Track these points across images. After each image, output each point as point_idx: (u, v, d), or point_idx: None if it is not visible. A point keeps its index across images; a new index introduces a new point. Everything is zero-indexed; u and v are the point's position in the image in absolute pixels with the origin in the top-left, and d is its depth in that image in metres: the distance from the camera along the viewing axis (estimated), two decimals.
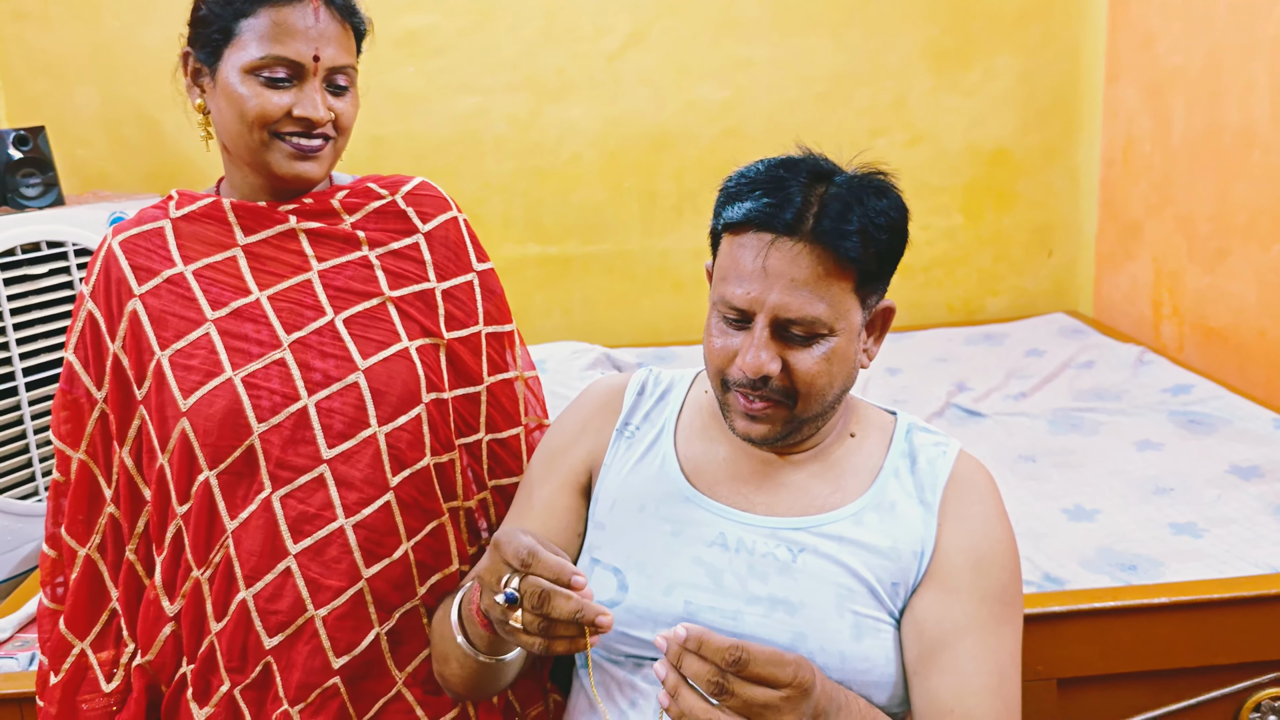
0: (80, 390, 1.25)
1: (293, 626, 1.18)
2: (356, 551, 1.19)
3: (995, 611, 1.07)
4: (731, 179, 1.09)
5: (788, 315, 1.03)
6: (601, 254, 3.42)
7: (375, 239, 1.28)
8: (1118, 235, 3.30)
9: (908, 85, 3.35)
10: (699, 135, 3.35)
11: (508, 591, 0.90)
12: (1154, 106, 3.05)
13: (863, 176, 1.07)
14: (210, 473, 1.18)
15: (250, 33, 1.16)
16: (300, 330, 1.21)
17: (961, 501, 1.11)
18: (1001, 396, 2.69)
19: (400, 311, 1.26)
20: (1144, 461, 2.19)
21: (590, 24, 3.25)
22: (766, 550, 1.10)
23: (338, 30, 1.20)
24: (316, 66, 1.18)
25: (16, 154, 2.41)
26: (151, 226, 1.25)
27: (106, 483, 1.26)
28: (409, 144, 3.27)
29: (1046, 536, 1.88)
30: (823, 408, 1.09)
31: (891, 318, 1.14)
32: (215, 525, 1.19)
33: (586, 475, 1.23)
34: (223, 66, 1.18)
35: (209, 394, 1.18)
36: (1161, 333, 3.07)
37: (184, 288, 1.22)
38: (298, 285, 1.23)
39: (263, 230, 1.25)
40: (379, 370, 1.22)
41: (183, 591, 1.22)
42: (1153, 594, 1.62)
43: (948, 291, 3.52)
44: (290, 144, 1.19)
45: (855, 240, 1.01)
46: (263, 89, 1.16)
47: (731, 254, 1.06)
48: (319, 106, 1.18)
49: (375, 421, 1.21)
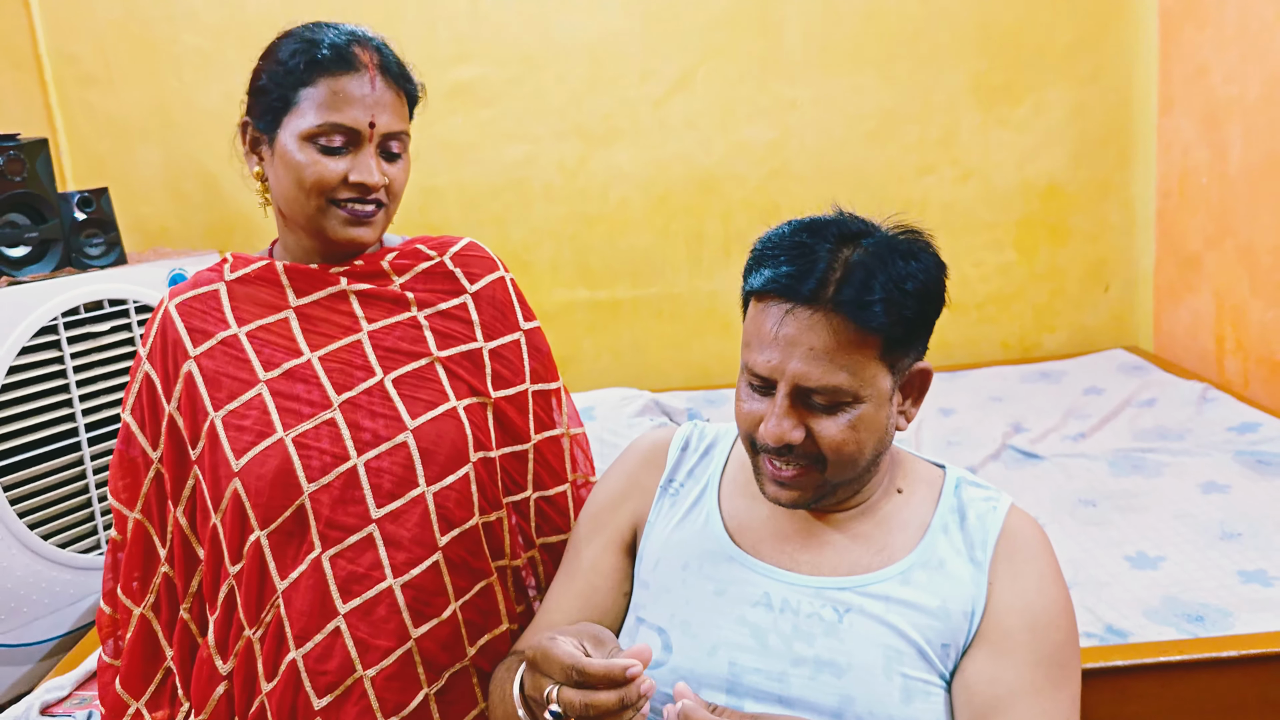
0: (136, 450, 1.28)
1: (341, 687, 1.19)
2: (405, 612, 1.20)
3: (1051, 674, 1.04)
4: (759, 243, 1.08)
5: (807, 384, 1.01)
6: (650, 297, 3.43)
7: (424, 300, 1.30)
8: (1177, 268, 3.23)
9: (956, 121, 3.32)
10: (746, 177, 3.35)
11: (551, 710, 0.90)
12: (1210, 137, 2.99)
13: (892, 238, 1.05)
14: (261, 532, 1.20)
15: (309, 101, 1.19)
16: (350, 390, 1.23)
17: (1013, 559, 1.08)
18: (1059, 437, 2.63)
19: (448, 371, 1.28)
20: (1210, 504, 2.12)
21: (636, 70, 3.28)
22: (812, 610, 1.08)
23: (392, 98, 1.23)
24: (372, 133, 1.20)
25: (81, 215, 2.49)
26: (207, 289, 1.28)
27: (161, 542, 1.28)
28: (460, 193, 3.32)
29: (1108, 585, 1.82)
30: (855, 472, 1.07)
31: (929, 380, 1.11)
32: (266, 585, 1.21)
33: (631, 533, 1.22)
34: (281, 134, 1.20)
35: (261, 454, 1.19)
36: (1225, 368, 2.99)
37: (238, 349, 1.24)
38: (348, 346, 1.25)
39: (314, 292, 1.27)
40: (427, 430, 1.23)
41: (235, 651, 1.23)
42: (1222, 646, 1.56)
43: (1002, 328, 3.47)
44: (345, 210, 1.21)
45: (878, 310, 0.99)
46: (320, 156, 1.19)
47: (755, 320, 1.05)
48: (374, 172, 1.20)
49: (423, 481, 1.22)
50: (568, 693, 0.89)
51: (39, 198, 2.38)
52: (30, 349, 2.26)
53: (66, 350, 2.32)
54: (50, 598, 2.28)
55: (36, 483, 2.27)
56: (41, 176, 2.39)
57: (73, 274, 2.41)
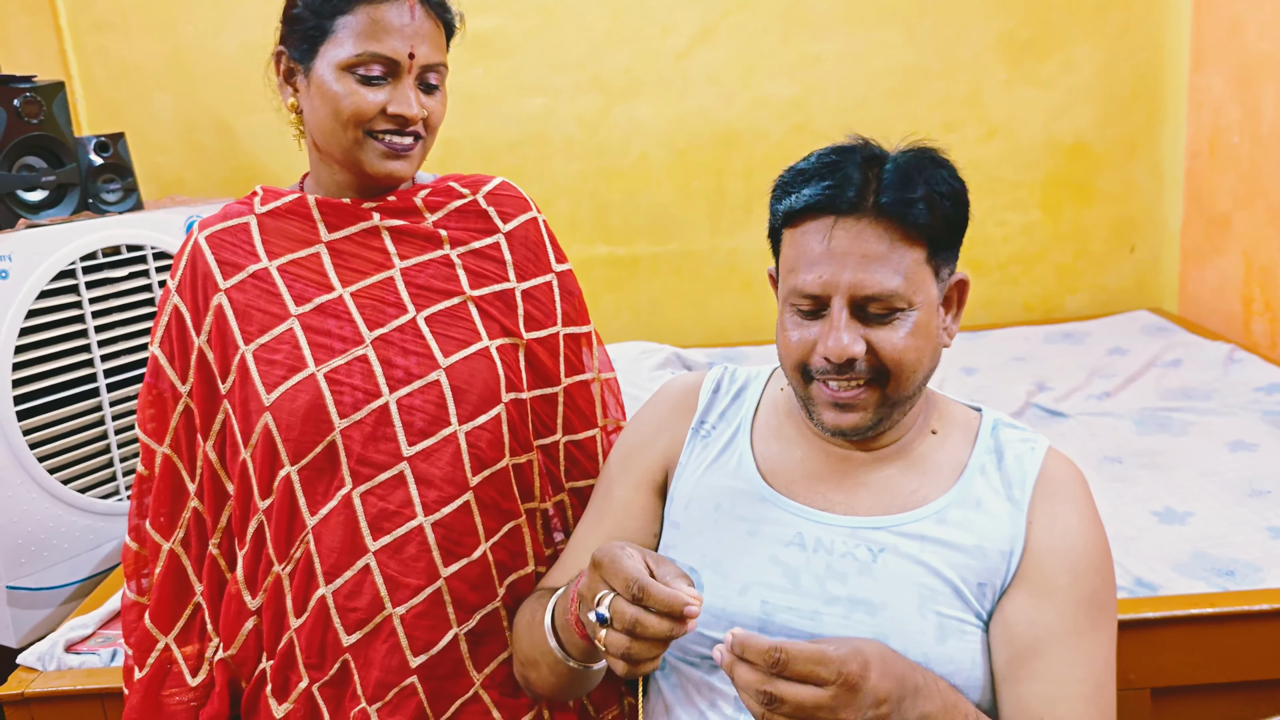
0: (165, 384, 1.26)
1: (371, 624, 1.18)
2: (435, 550, 1.19)
3: (1090, 616, 1.03)
4: (785, 173, 1.07)
5: (865, 292, 1.00)
6: (670, 254, 3.40)
7: (457, 238, 1.28)
8: (1204, 229, 3.19)
9: (983, 78, 3.27)
10: (768, 133, 3.31)
11: (599, 611, 0.90)
12: (1242, 95, 2.94)
13: (918, 149, 1.05)
14: (292, 468, 1.19)
15: (346, 30, 1.16)
16: (383, 327, 1.21)
17: (1053, 500, 1.07)
18: (1084, 396, 2.61)
19: (481, 311, 1.26)
20: (1237, 463, 2.10)
21: (657, 23, 3.23)
22: (846, 550, 1.07)
23: (431, 28, 1.20)
24: (411, 64, 1.18)
25: (98, 160, 2.46)
26: (237, 222, 1.26)
27: (190, 477, 1.27)
28: (478, 145, 3.28)
29: (1137, 540, 1.81)
30: (914, 387, 1.06)
31: (967, 290, 1.11)
32: (296, 521, 1.20)
33: (663, 474, 1.21)
34: (317, 64, 1.18)
35: (292, 389, 1.18)
36: (1253, 330, 2.95)
37: (269, 283, 1.22)
38: (380, 282, 1.23)
39: (346, 227, 1.25)
40: (460, 368, 1.21)
41: (264, 586, 1.22)
42: (1254, 600, 1.55)
43: (1025, 289, 3.43)
44: (383, 143, 1.19)
45: (922, 207, 0.99)
46: (358, 86, 1.16)
47: (796, 244, 1.04)
48: (413, 104, 1.18)
49: (456, 420, 1.21)
50: (621, 604, 0.89)
51: (56, 141, 2.36)
52: (49, 293, 2.25)
53: (85, 295, 2.31)
54: (69, 542, 2.28)
55: (55, 428, 2.26)
56: (59, 119, 2.36)
57: (90, 219, 2.39)
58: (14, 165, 2.29)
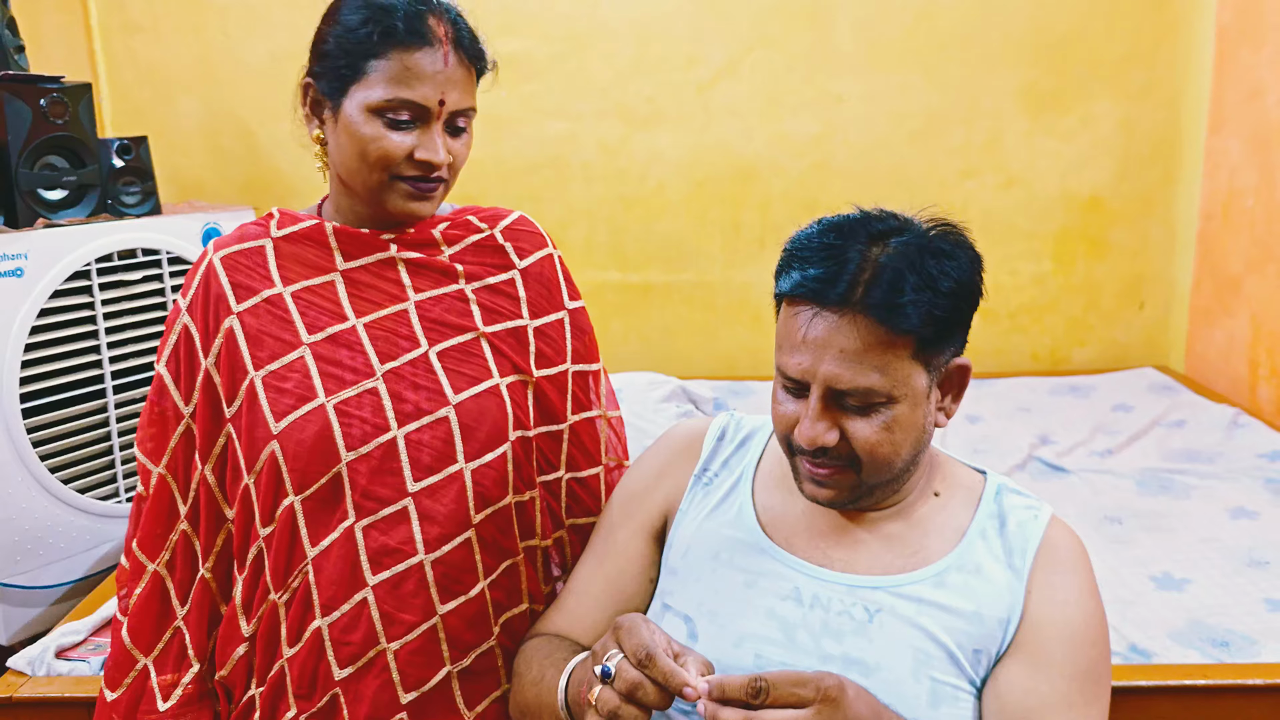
0: (169, 403, 1.24)
1: (364, 659, 1.17)
2: (433, 588, 1.19)
3: (1085, 690, 1.03)
4: (788, 244, 1.07)
5: (839, 386, 1.00)
6: (682, 284, 3.41)
7: (472, 273, 1.28)
8: (1215, 290, 3.19)
9: (1003, 127, 3.28)
10: (786, 169, 3.32)
11: (604, 665, 0.92)
12: (1259, 159, 2.94)
13: (923, 237, 1.02)
14: (296, 497, 1.18)
15: (378, 74, 1.14)
16: (394, 360, 1.20)
17: (1054, 570, 1.07)
18: (1087, 452, 2.60)
19: (493, 348, 1.26)
20: (1238, 530, 2.09)
21: (682, 54, 3.25)
22: (843, 608, 1.07)
23: (464, 74, 1.19)
24: (441, 111, 1.17)
25: (119, 162, 2.48)
26: (253, 245, 1.25)
27: (183, 499, 1.25)
28: (498, 167, 3.30)
29: (1134, 605, 1.80)
30: (892, 473, 1.06)
31: (968, 376, 1.09)
32: (296, 550, 1.19)
33: (662, 520, 1.21)
34: (346, 103, 1.17)
35: (301, 419, 1.17)
36: (1258, 394, 2.95)
37: (282, 309, 1.21)
38: (394, 315, 1.23)
39: (363, 257, 1.24)
40: (470, 406, 1.21)
41: (259, 614, 1.21)
42: (1248, 674, 1.54)
43: (1034, 339, 3.43)
44: (409, 184, 1.18)
45: (909, 311, 0.97)
46: (386, 130, 1.15)
47: (785, 323, 1.05)
48: (440, 150, 1.17)
49: (463, 458, 1.20)
50: (626, 666, 0.91)
51: (79, 142, 2.37)
52: (62, 292, 2.26)
53: (98, 296, 2.32)
54: (66, 542, 2.28)
55: (59, 427, 2.27)
56: (83, 121, 2.38)
57: (108, 220, 2.41)
58: (36, 164, 2.31)
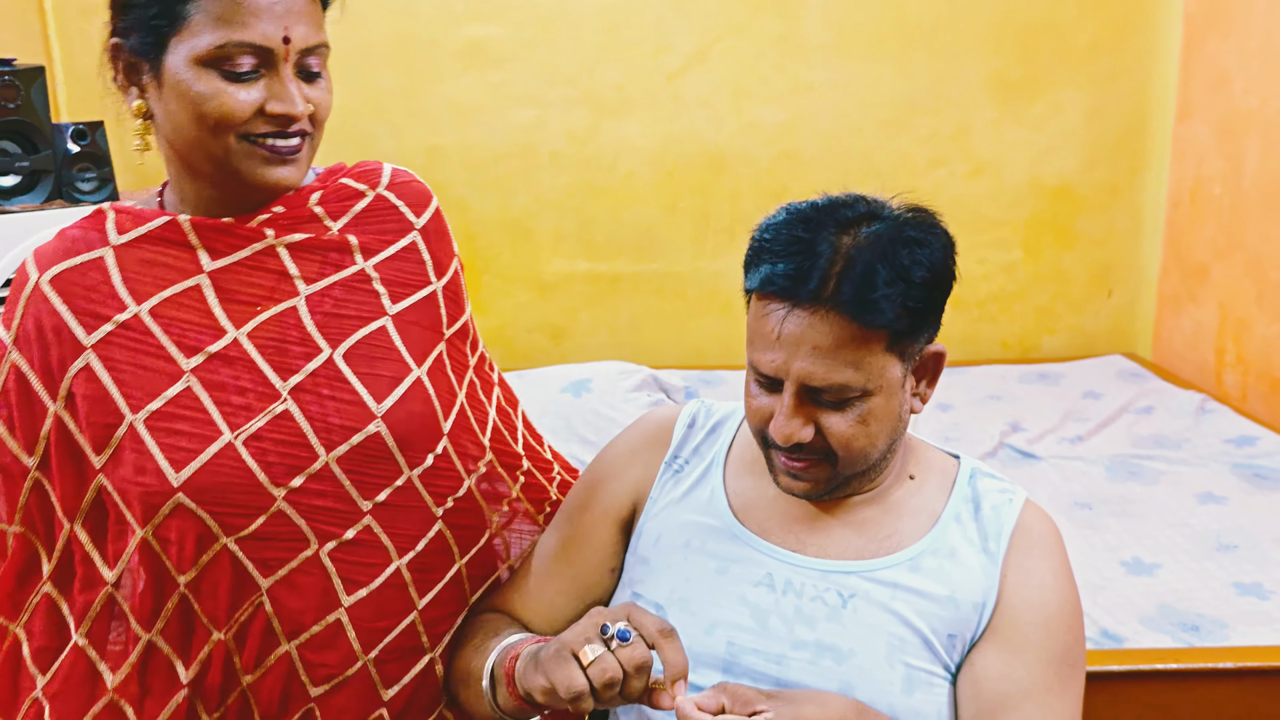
0: (7, 457, 1.05)
1: (341, 677, 1.09)
2: (411, 587, 1.11)
3: (1060, 674, 1.02)
4: (756, 233, 1.04)
5: (813, 383, 0.98)
6: (651, 273, 3.39)
7: (369, 245, 1.10)
8: (1182, 278, 3.21)
9: (971, 115, 3.29)
10: (756, 157, 3.31)
11: (621, 628, 0.91)
12: (1226, 147, 2.97)
13: (894, 224, 1.00)
14: (228, 540, 1.03)
15: (202, 15, 0.95)
16: (296, 374, 1.04)
17: (1028, 554, 1.06)
18: (1057, 439, 2.62)
19: (403, 329, 1.11)
20: (1206, 515, 2.11)
21: (651, 42, 3.23)
22: (816, 594, 1.05)
23: (305, 3, 0.99)
24: (287, 50, 0.97)
25: (74, 148, 2.42)
26: (87, 258, 1.03)
27: (48, 558, 1.07)
28: (464, 155, 3.26)
29: (1104, 590, 1.81)
30: (867, 463, 1.05)
31: (943, 362, 1.08)
32: (246, 586, 1.05)
33: (629, 509, 1.19)
34: (169, 59, 0.97)
35: (209, 464, 1.01)
36: (1224, 381, 2.98)
37: (142, 332, 1.02)
38: (278, 316, 1.05)
39: (233, 252, 1.05)
40: (399, 414, 1.08)
41: (200, 658, 1.07)
42: (1218, 658, 1.55)
43: (1003, 328, 3.45)
44: (264, 147, 0.99)
45: (882, 306, 0.95)
46: (224, 84, 0.96)
47: (756, 319, 1.02)
48: (296, 99, 0.98)
49: (406, 467, 1.09)
50: (636, 647, 0.91)
51: (32, 127, 2.31)
52: None
53: None
54: None
55: None
56: (36, 105, 2.31)
57: (63, 208, 2.35)
58: None
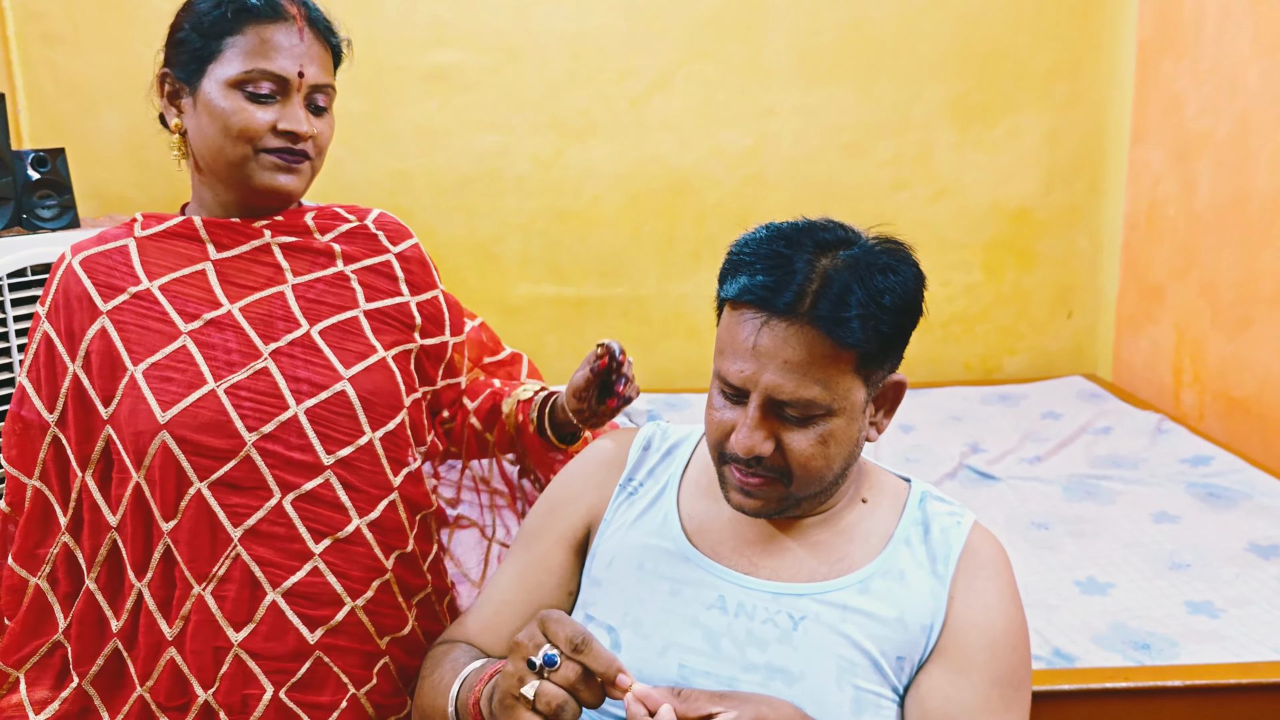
0: (32, 414, 1.22)
1: (334, 620, 1.20)
2: (375, 547, 1.23)
3: (1005, 695, 1.03)
4: (735, 247, 1.06)
5: (780, 397, 1.00)
6: (617, 297, 3.40)
7: (350, 254, 1.30)
8: (1139, 299, 3.26)
9: (932, 139, 3.33)
10: (720, 181, 3.34)
11: (548, 653, 0.89)
12: (1179, 170, 3.02)
13: (870, 251, 1.03)
14: (202, 484, 1.17)
15: (235, 49, 1.17)
16: (276, 341, 1.21)
17: (975, 576, 1.07)
18: (1016, 460, 2.64)
19: (374, 324, 1.28)
20: (1160, 534, 2.14)
21: (615, 67, 3.25)
22: (767, 616, 1.06)
23: (320, 51, 1.23)
24: (301, 83, 1.20)
25: (35, 175, 2.41)
26: (114, 245, 1.24)
27: (62, 510, 1.23)
28: (430, 179, 3.27)
29: (1058, 609, 1.82)
30: (821, 486, 1.06)
31: (903, 392, 1.10)
32: (219, 536, 1.17)
33: (585, 532, 1.20)
34: (204, 83, 1.18)
35: (192, 405, 1.16)
36: (1181, 400, 3.02)
37: (151, 302, 1.20)
38: (269, 297, 1.23)
39: (236, 246, 1.25)
40: (362, 379, 1.23)
41: (182, 614, 1.18)
42: (1167, 676, 1.57)
43: (965, 349, 3.48)
44: (274, 156, 1.20)
45: (854, 325, 0.98)
46: (246, 103, 1.17)
47: (729, 328, 1.04)
48: (303, 121, 1.20)
49: (368, 427, 1.23)
50: (566, 666, 0.89)
51: None
52: None
53: (10, 313, 2.25)
54: None
55: None
56: None
57: (22, 234, 2.34)
58: None
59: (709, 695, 0.93)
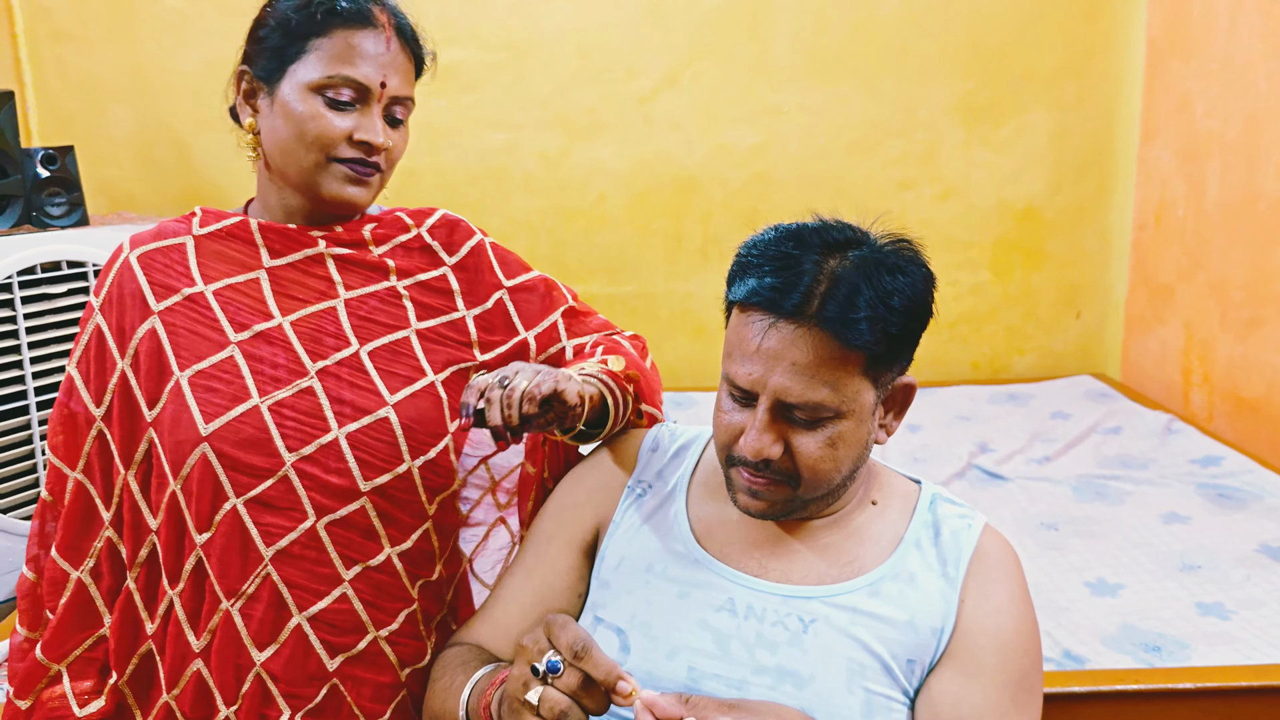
0: (79, 406, 1.21)
1: (355, 649, 1.19)
2: (404, 577, 1.22)
3: (1016, 698, 1.02)
4: (743, 248, 1.05)
5: (789, 399, 0.99)
6: (625, 295, 3.40)
7: (404, 269, 1.27)
8: (1148, 299, 3.25)
9: (939, 138, 3.33)
10: (727, 179, 3.33)
11: (551, 660, 0.88)
12: (1188, 170, 3.01)
13: (879, 251, 1.02)
14: (238, 500, 1.15)
15: (319, 52, 1.15)
16: (324, 360, 1.18)
17: (986, 578, 1.07)
18: (1025, 460, 2.63)
19: (426, 344, 1.25)
20: (1170, 535, 2.12)
21: (623, 65, 3.25)
22: (777, 619, 1.06)
23: (404, 61, 1.20)
24: (382, 93, 1.17)
25: (44, 172, 2.42)
26: (173, 242, 1.22)
27: (105, 505, 1.21)
28: (438, 177, 3.27)
29: (1068, 610, 1.82)
30: (828, 488, 1.06)
31: (913, 394, 1.10)
32: (250, 554, 1.16)
33: (593, 534, 1.20)
34: (284, 84, 1.16)
35: (235, 420, 1.14)
36: (1191, 401, 3.01)
37: (204, 306, 1.18)
38: (321, 312, 1.21)
39: (290, 253, 1.22)
40: (407, 406, 1.20)
41: (210, 627, 1.18)
42: (1178, 678, 1.56)
43: (973, 349, 3.48)
44: (346, 166, 1.17)
45: (862, 327, 0.97)
46: (325, 109, 1.15)
47: (737, 330, 1.03)
48: (379, 132, 1.17)
49: (408, 456, 1.20)
50: (569, 672, 0.88)
51: (1, 152, 2.31)
52: None
53: (20, 310, 2.25)
54: None
55: None
56: (5, 130, 2.31)
57: (32, 232, 2.34)
58: None
59: (717, 704, 0.92)
